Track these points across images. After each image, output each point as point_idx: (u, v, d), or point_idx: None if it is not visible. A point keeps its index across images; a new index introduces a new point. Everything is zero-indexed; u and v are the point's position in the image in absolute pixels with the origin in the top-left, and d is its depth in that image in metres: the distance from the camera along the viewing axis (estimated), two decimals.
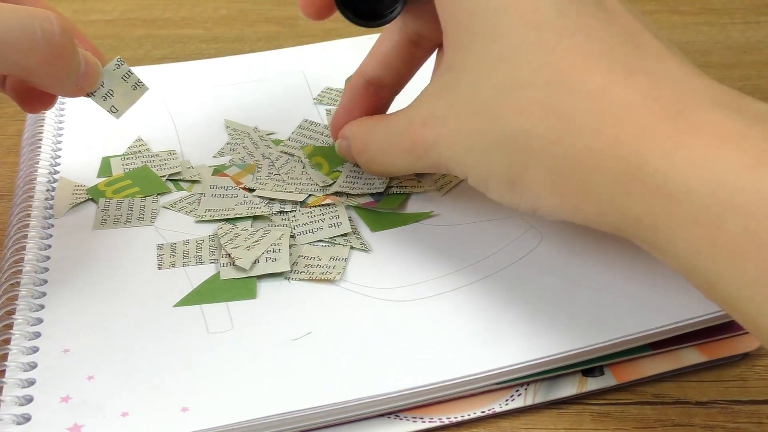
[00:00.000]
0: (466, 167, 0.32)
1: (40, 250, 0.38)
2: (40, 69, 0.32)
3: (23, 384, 0.31)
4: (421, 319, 0.34)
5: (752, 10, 0.63)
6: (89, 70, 0.35)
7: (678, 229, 0.26)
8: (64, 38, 0.33)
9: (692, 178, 0.26)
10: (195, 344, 0.33)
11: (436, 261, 0.37)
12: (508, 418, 0.32)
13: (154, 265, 0.37)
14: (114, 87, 0.37)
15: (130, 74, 0.37)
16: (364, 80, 0.40)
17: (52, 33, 0.32)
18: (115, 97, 0.37)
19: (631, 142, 0.27)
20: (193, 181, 0.43)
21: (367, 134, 0.37)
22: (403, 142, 0.34)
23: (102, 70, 0.37)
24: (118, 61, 0.37)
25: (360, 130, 0.38)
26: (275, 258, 0.36)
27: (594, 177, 0.28)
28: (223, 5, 0.65)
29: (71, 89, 0.35)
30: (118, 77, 0.37)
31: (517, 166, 0.30)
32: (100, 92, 0.37)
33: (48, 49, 0.32)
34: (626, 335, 0.32)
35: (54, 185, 0.42)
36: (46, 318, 0.34)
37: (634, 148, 0.27)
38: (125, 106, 0.38)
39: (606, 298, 0.34)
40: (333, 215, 0.39)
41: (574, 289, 0.34)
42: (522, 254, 0.37)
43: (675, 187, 0.26)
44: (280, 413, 0.30)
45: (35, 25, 0.31)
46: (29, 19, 0.31)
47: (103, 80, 0.37)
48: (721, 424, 0.32)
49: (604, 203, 0.28)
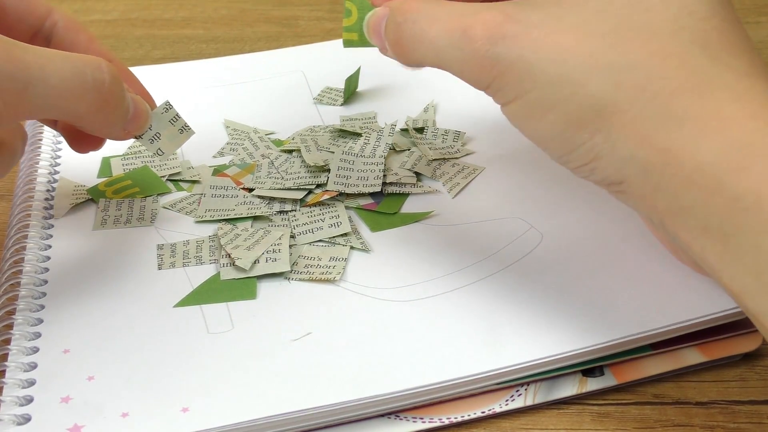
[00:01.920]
0: (537, 82, 0.28)
1: (40, 250, 0.38)
2: (88, 116, 0.33)
3: (23, 384, 0.31)
4: (421, 319, 0.34)
5: (752, 10, 0.63)
6: (137, 115, 0.36)
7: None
8: (114, 86, 0.33)
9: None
10: (195, 344, 0.33)
11: (436, 261, 0.37)
12: (508, 418, 0.32)
13: (154, 265, 0.37)
14: (161, 130, 0.37)
15: (178, 118, 0.38)
16: None
17: (102, 81, 0.32)
18: (162, 140, 0.37)
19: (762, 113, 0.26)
20: (193, 182, 0.43)
21: (418, 2, 0.32)
22: (462, 20, 0.30)
23: (151, 114, 0.37)
24: (167, 105, 0.37)
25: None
26: (275, 258, 0.36)
27: (706, 141, 0.26)
28: (223, 5, 0.65)
29: (119, 133, 0.36)
30: (166, 120, 0.37)
31: (621, 98, 0.27)
32: (147, 135, 0.37)
33: (97, 97, 0.32)
34: (626, 335, 0.32)
35: (54, 185, 0.42)
36: (46, 318, 0.34)
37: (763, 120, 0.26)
38: (171, 149, 0.38)
39: (606, 299, 0.34)
40: (333, 215, 0.39)
41: (574, 290, 0.34)
42: (522, 254, 0.37)
43: None
44: (280, 413, 0.30)
45: (87, 73, 0.32)
46: (81, 66, 0.32)
47: (150, 123, 0.37)
48: (721, 424, 0.32)
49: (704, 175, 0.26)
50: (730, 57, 0.28)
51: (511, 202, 0.40)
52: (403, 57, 0.33)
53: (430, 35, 0.31)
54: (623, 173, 0.28)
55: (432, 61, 0.32)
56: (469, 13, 0.30)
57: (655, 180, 0.27)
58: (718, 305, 0.33)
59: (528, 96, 0.29)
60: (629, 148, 0.27)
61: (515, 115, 0.30)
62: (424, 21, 0.31)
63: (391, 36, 0.33)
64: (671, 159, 0.27)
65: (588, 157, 0.28)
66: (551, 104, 0.28)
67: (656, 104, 0.27)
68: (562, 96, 0.28)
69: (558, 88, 0.28)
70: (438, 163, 0.43)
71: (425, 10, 0.31)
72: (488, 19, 0.29)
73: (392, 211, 0.40)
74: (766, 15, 0.62)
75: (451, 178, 0.42)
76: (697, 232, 0.27)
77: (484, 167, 0.43)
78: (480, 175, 0.42)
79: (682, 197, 0.27)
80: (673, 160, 0.27)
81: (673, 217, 0.27)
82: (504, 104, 0.30)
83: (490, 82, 0.29)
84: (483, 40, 0.29)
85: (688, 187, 0.26)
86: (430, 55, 0.31)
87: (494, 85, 0.29)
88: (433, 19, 0.31)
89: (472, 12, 0.30)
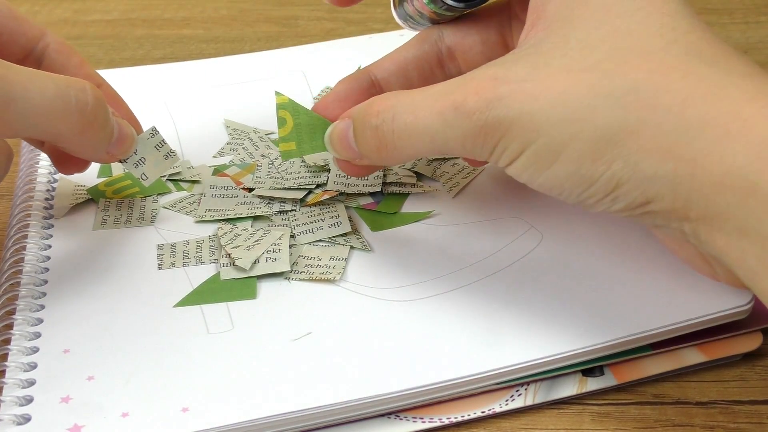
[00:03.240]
0: (541, 130, 0.28)
1: (40, 250, 0.38)
2: (71, 137, 0.33)
3: (23, 384, 0.31)
4: (421, 319, 0.34)
5: (752, 10, 0.63)
6: (122, 139, 0.36)
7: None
8: (97, 108, 0.33)
9: None
10: (195, 344, 0.33)
11: (436, 261, 0.37)
12: (508, 418, 0.32)
13: (154, 265, 0.37)
14: (146, 155, 0.37)
15: (163, 144, 0.38)
16: (371, 79, 0.37)
17: (85, 102, 0.32)
18: (147, 165, 0.37)
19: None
20: (193, 182, 0.43)
21: (391, 96, 0.32)
22: (454, 96, 0.29)
23: (137, 139, 0.37)
24: (152, 130, 0.37)
25: (372, 99, 0.32)
26: (275, 258, 0.36)
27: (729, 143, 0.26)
28: (223, 5, 0.65)
29: (103, 156, 0.36)
30: (151, 146, 0.37)
31: (632, 120, 0.27)
32: (132, 159, 0.37)
33: (80, 118, 0.32)
34: (626, 335, 0.32)
35: (54, 185, 0.42)
36: (46, 318, 0.34)
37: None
38: (155, 174, 0.38)
39: (606, 299, 0.34)
40: (333, 215, 0.39)
41: (574, 289, 0.34)
42: (522, 254, 0.37)
43: None
44: (280, 413, 0.30)
45: (70, 94, 0.32)
46: (65, 87, 0.32)
47: (136, 148, 0.37)
48: (721, 424, 0.32)
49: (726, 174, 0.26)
50: (726, 62, 0.28)
51: (511, 201, 0.40)
52: (390, 159, 0.32)
53: (419, 126, 0.30)
54: (649, 193, 0.28)
55: (427, 149, 0.31)
56: (453, 90, 0.30)
57: (684, 191, 0.27)
58: (718, 305, 0.33)
59: (535, 146, 0.28)
60: (652, 166, 0.27)
61: (524, 169, 0.29)
62: (405, 114, 0.31)
63: (369, 142, 0.32)
64: (698, 168, 0.26)
65: (609, 187, 0.28)
66: (561, 146, 0.28)
67: (671, 117, 0.27)
68: (569, 135, 0.28)
69: (565, 128, 0.28)
70: (438, 162, 0.43)
71: (400, 103, 0.31)
72: (478, 88, 0.29)
73: (392, 210, 0.40)
74: (766, 15, 0.62)
75: (451, 177, 0.42)
76: (735, 235, 0.26)
77: (484, 167, 0.43)
78: (480, 174, 0.42)
79: (715, 203, 0.26)
80: (700, 168, 0.26)
81: (709, 225, 0.27)
82: (510, 163, 0.29)
83: (494, 146, 0.29)
84: (481, 110, 0.28)
85: (721, 193, 0.26)
86: (424, 145, 0.31)
87: (499, 147, 0.29)
88: (414, 109, 0.30)
89: (456, 87, 0.30)
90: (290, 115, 0.36)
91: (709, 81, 0.27)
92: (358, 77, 0.37)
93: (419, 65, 0.37)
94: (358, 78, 0.37)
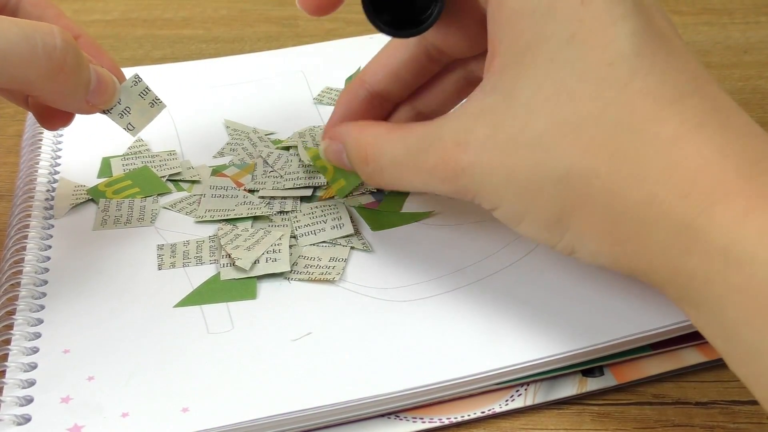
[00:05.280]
0: (503, 200, 0.30)
1: (40, 250, 0.38)
2: (41, 83, 0.32)
3: (23, 384, 0.31)
4: (421, 319, 0.34)
5: (752, 10, 0.63)
6: (101, 87, 0.35)
7: (732, 296, 0.25)
8: (66, 52, 0.32)
9: (760, 246, 0.24)
10: (195, 344, 0.33)
11: (436, 261, 0.37)
12: (508, 419, 0.32)
13: (154, 265, 0.37)
14: (131, 104, 0.36)
15: (148, 91, 0.37)
16: (368, 92, 0.37)
17: (53, 46, 0.32)
18: (132, 115, 0.36)
19: (699, 197, 0.26)
20: (193, 182, 0.43)
21: (377, 143, 0.33)
22: (428, 159, 0.31)
23: (119, 87, 0.36)
24: (135, 78, 0.36)
25: (364, 137, 0.34)
26: (275, 258, 0.36)
27: (654, 228, 0.27)
28: (223, 5, 0.65)
29: (81, 105, 0.35)
30: (135, 94, 0.36)
31: (569, 205, 0.28)
32: (116, 109, 0.36)
33: (48, 63, 0.32)
34: (626, 335, 0.32)
35: (54, 185, 0.42)
36: (47, 318, 0.34)
37: (702, 204, 0.26)
38: (142, 124, 0.37)
39: (606, 299, 0.34)
40: (335, 216, 0.39)
41: (574, 289, 0.34)
42: (522, 254, 0.37)
43: (739, 252, 0.25)
44: (280, 413, 0.30)
45: (36, 38, 0.31)
46: (31, 31, 0.31)
47: (120, 97, 0.36)
48: (721, 424, 0.32)
49: (658, 256, 0.27)
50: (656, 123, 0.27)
51: None
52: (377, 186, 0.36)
53: (404, 181, 0.33)
54: (601, 263, 0.30)
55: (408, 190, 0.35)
56: (428, 150, 0.31)
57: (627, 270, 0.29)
58: None
59: (500, 210, 0.30)
60: (595, 244, 0.29)
61: (502, 219, 0.31)
62: (391, 170, 0.33)
63: (365, 177, 0.35)
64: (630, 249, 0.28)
65: (567, 251, 0.30)
66: (521, 214, 0.30)
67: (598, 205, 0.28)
68: (525, 208, 0.29)
69: (520, 202, 0.29)
70: None
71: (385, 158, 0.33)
72: (444, 157, 0.30)
73: (394, 209, 0.40)
74: (766, 15, 0.62)
75: None
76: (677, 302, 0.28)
77: None
78: None
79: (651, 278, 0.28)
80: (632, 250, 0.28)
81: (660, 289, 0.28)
82: (491, 211, 0.31)
83: (471, 199, 0.31)
84: (450, 180, 0.31)
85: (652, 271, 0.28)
86: (405, 188, 0.34)
87: (475, 201, 0.31)
88: (398, 168, 0.33)
89: (430, 148, 0.31)
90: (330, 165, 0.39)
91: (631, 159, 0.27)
92: (356, 94, 0.38)
93: (411, 67, 0.37)
94: (357, 95, 0.38)
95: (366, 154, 0.34)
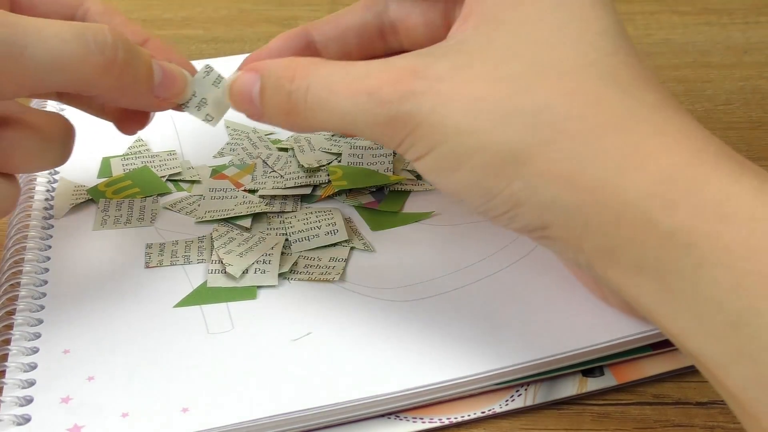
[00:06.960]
0: (454, 131, 0.27)
1: (40, 251, 0.38)
2: (97, 79, 0.32)
3: (23, 385, 0.31)
4: (421, 319, 0.34)
5: (752, 10, 0.63)
6: (168, 80, 0.34)
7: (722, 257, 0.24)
8: (117, 45, 0.32)
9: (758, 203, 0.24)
10: (195, 344, 0.33)
11: (436, 261, 0.37)
12: (508, 419, 0.32)
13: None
14: (206, 95, 0.35)
15: (221, 79, 0.35)
16: (307, 42, 0.36)
17: (104, 42, 0.31)
18: (209, 105, 0.35)
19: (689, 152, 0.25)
20: (193, 182, 0.43)
21: (313, 63, 0.30)
22: (370, 82, 0.28)
23: (190, 79, 0.35)
24: (207, 68, 0.35)
25: (297, 60, 0.31)
26: (264, 270, 0.36)
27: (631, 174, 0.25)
28: (223, 5, 0.65)
29: (150, 101, 0.34)
30: (209, 84, 0.35)
31: (537, 140, 0.26)
32: (192, 102, 0.35)
33: (101, 58, 0.31)
34: (626, 335, 0.32)
35: (54, 185, 0.42)
36: (46, 319, 0.34)
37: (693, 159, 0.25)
38: (220, 113, 0.36)
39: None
40: (329, 222, 0.39)
41: (574, 289, 0.34)
42: (522, 254, 0.37)
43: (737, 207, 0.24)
44: (280, 413, 0.30)
45: (87, 36, 0.31)
46: (82, 29, 0.31)
47: (194, 90, 0.35)
48: (721, 424, 0.32)
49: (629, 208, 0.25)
50: (640, 91, 0.27)
51: None
52: (296, 126, 0.31)
53: (331, 104, 0.29)
54: (545, 218, 0.27)
55: (335, 127, 0.30)
56: (372, 74, 0.29)
57: (581, 221, 0.26)
58: None
59: (440, 149, 0.28)
60: (551, 191, 0.26)
61: (429, 169, 0.28)
62: (320, 89, 0.29)
63: (278, 105, 0.31)
64: (597, 198, 0.26)
65: (507, 205, 0.27)
66: (465, 155, 0.27)
67: (576, 144, 0.26)
68: (474, 146, 0.27)
69: (470, 139, 0.27)
70: None
71: (318, 75, 0.30)
72: (395, 78, 0.28)
73: (394, 209, 0.40)
74: (766, 15, 0.62)
75: None
76: (631, 272, 0.26)
77: None
78: None
79: (612, 237, 0.26)
80: (599, 199, 0.26)
81: (603, 258, 0.27)
82: (416, 159, 0.29)
83: (402, 139, 0.28)
84: (392, 102, 0.28)
85: (618, 226, 0.26)
86: (333, 123, 0.30)
87: (407, 141, 0.28)
88: (330, 86, 0.29)
89: (376, 71, 0.29)
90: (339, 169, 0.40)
91: (619, 110, 0.26)
92: (296, 36, 0.36)
93: (360, 34, 0.35)
94: (296, 37, 0.36)
95: (295, 73, 0.30)
